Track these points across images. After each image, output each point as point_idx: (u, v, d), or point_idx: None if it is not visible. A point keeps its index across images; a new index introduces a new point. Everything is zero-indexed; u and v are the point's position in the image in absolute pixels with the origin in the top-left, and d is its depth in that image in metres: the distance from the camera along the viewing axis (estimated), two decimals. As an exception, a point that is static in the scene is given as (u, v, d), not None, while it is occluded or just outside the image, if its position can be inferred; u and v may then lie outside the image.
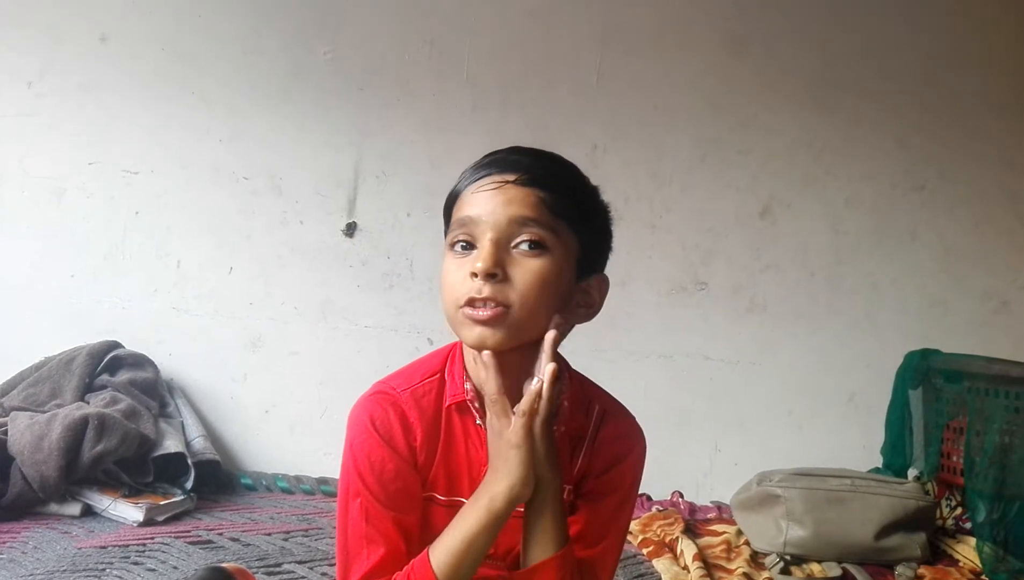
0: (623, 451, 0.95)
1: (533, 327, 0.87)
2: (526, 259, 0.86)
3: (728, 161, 2.30)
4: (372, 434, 0.90)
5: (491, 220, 0.86)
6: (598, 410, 0.96)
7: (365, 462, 0.89)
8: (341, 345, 2.22)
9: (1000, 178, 2.33)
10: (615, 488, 0.94)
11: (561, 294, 0.89)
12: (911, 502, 1.74)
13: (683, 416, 2.23)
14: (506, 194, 0.87)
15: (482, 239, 0.86)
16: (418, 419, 0.91)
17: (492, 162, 0.91)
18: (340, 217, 2.22)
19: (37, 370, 2.01)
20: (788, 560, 1.71)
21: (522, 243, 0.86)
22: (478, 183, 0.89)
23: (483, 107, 2.24)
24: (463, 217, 0.88)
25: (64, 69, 2.18)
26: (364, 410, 0.92)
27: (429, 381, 0.94)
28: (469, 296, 0.85)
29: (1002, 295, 2.32)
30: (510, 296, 0.85)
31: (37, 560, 1.43)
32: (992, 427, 1.84)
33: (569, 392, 0.94)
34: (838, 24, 2.31)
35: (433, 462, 0.92)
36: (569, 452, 0.94)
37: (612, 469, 0.94)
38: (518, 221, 0.86)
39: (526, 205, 0.86)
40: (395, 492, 0.89)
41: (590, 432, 0.95)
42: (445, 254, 0.91)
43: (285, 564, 1.51)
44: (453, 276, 0.87)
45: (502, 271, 0.85)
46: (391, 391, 0.93)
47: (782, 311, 2.29)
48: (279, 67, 2.22)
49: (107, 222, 2.19)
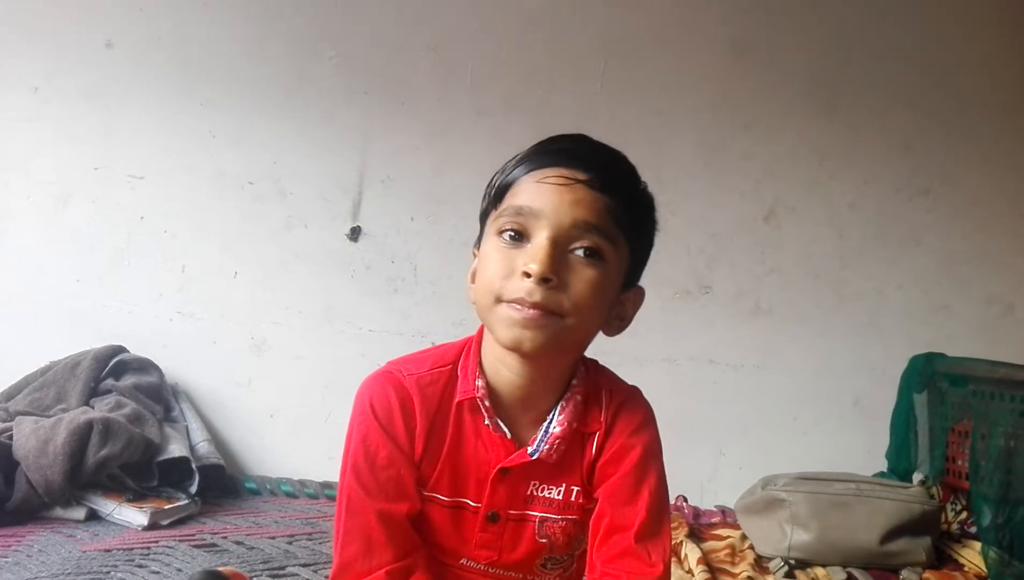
0: (632, 422, 0.90)
1: (575, 338, 0.85)
2: (582, 267, 0.81)
3: (731, 166, 2.30)
4: (370, 417, 0.87)
5: (554, 219, 0.80)
6: (612, 403, 0.92)
7: (360, 445, 0.87)
8: (345, 350, 2.22)
9: (1005, 182, 2.33)
10: (628, 452, 0.88)
11: (608, 306, 0.86)
12: (916, 506, 1.74)
13: (687, 420, 2.21)
14: (574, 194, 0.81)
15: (538, 235, 0.80)
16: (421, 408, 0.87)
17: (562, 153, 0.85)
18: (344, 222, 2.23)
19: (42, 374, 2.02)
20: (792, 564, 1.70)
21: (580, 249, 0.81)
22: (543, 172, 0.83)
23: (487, 113, 2.24)
24: (521, 206, 0.82)
25: (70, 75, 2.19)
26: (367, 391, 0.89)
27: (439, 371, 0.89)
28: (517, 296, 0.80)
29: (1007, 299, 2.31)
30: (564, 304, 0.80)
31: (42, 563, 1.43)
32: (997, 431, 1.84)
33: (582, 386, 0.91)
34: (841, 28, 2.31)
35: (438, 460, 0.88)
36: (580, 448, 0.90)
37: (621, 441, 0.89)
38: (581, 225, 0.81)
39: (593, 210, 0.81)
40: (385, 480, 0.86)
41: (604, 425, 0.91)
42: (487, 236, 0.86)
43: (289, 567, 1.51)
44: (497, 266, 0.82)
45: (557, 277, 0.79)
46: (398, 373, 0.89)
47: (786, 315, 2.29)
48: (283, 73, 2.23)
49: (112, 227, 2.20)
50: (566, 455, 0.89)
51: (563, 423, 0.88)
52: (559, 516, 0.91)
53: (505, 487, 0.89)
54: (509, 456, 0.88)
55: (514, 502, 0.90)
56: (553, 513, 0.91)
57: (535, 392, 0.88)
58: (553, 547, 0.92)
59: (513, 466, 0.88)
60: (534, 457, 0.88)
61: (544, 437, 0.88)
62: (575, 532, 0.92)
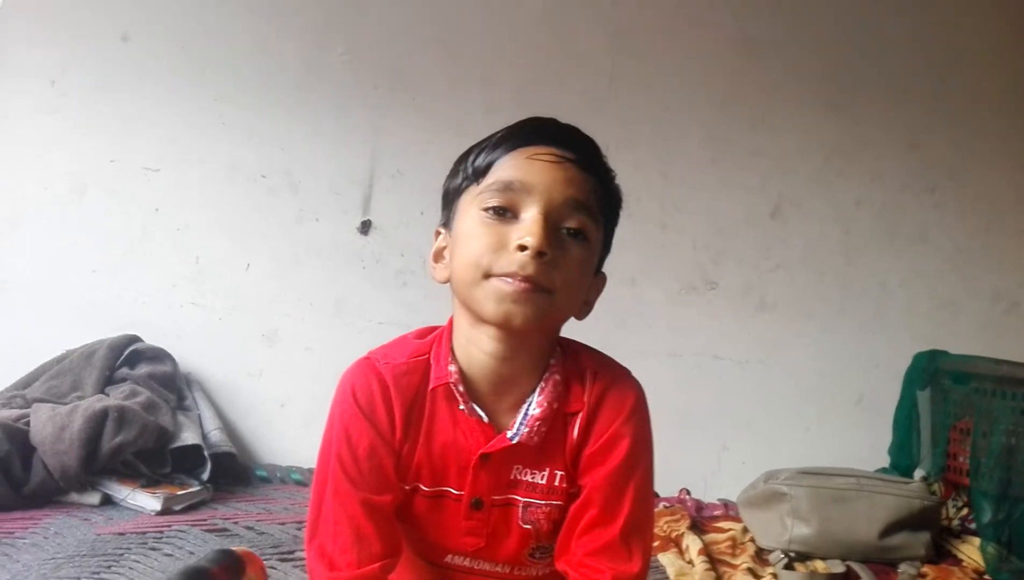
0: (620, 409, 0.87)
1: (559, 317, 0.84)
2: (570, 245, 0.81)
3: (738, 162, 2.32)
4: (352, 406, 0.86)
5: (547, 195, 0.80)
6: (596, 383, 0.88)
7: (343, 435, 0.86)
8: (355, 341, 2.24)
9: (1011, 180, 2.34)
10: (617, 444, 0.86)
11: (586, 288, 0.86)
12: (916, 501, 1.75)
13: (691, 415, 2.24)
14: (566, 172, 0.81)
15: (529, 210, 0.80)
16: (398, 398, 0.86)
17: (547, 131, 0.85)
18: (355, 215, 2.26)
19: (58, 363, 2.06)
20: (792, 557, 1.72)
21: (567, 228, 0.81)
22: (533, 149, 0.82)
23: (496, 109, 2.26)
24: (511, 181, 0.81)
25: (86, 67, 2.23)
26: (348, 380, 0.88)
27: (416, 360, 0.88)
28: (509, 269, 0.78)
29: (1012, 297, 2.32)
30: (555, 281, 0.79)
31: (58, 545, 1.47)
32: (998, 428, 1.85)
33: (560, 365, 0.89)
34: (849, 25, 2.32)
35: (416, 450, 0.87)
36: (562, 430, 0.88)
37: (611, 430, 0.87)
38: (572, 204, 0.81)
39: (583, 189, 0.82)
40: (367, 471, 0.85)
41: (587, 406, 0.88)
42: (465, 212, 0.84)
43: (298, 552, 1.54)
44: (484, 241, 0.80)
45: (550, 252, 0.79)
46: (376, 362, 0.88)
47: (791, 312, 2.31)
48: (296, 67, 2.26)
49: (127, 218, 2.23)
50: (548, 438, 0.87)
51: (543, 404, 0.86)
52: (543, 502, 0.89)
53: (487, 473, 0.87)
54: (489, 442, 0.86)
55: (497, 487, 0.88)
56: (537, 498, 0.89)
57: (512, 373, 0.86)
58: (539, 534, 0.90)
59: (494, 451, 0.86)
60: (514, 441, 0.85)
61: (524, 419, 0.86)
62: (560, 518, 0.89)
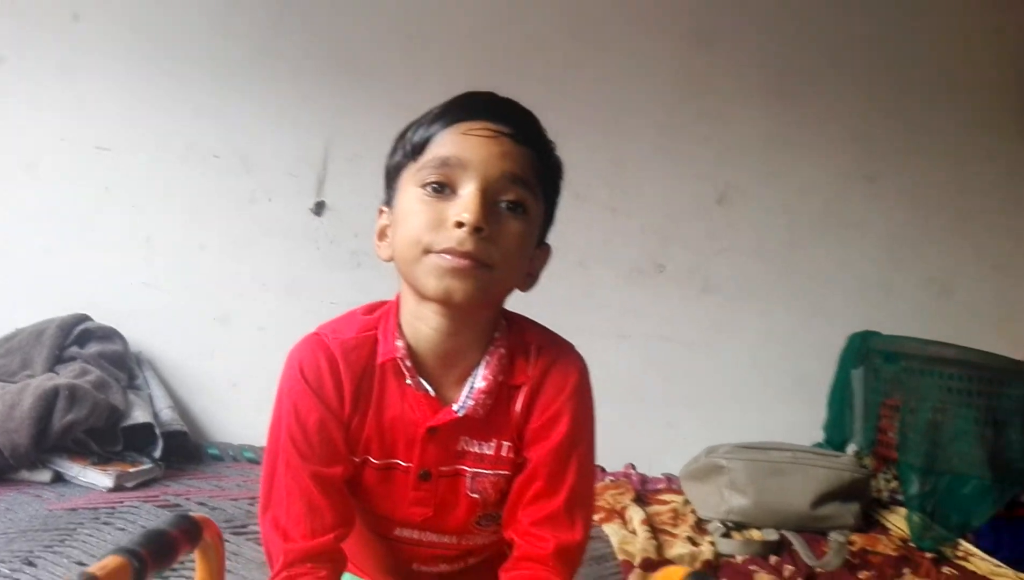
0: (564, 385, 0.89)
1: (500, 290, 0.86)
2: (509, 219, 0.82)
3: (687, 149, 2.38)
4: (300, 382, 0.87)
5: (482, 170, 0.81)
6: (540, 358, 0.90)
7: (291, 410, 0.87)
8: (309, 322, 2.21)
9: (947, 172, 2.44)
10: (560, 420, 0.88)
11: (527, 261, 0.88)
12: (846, 474, 1.84)
13: (639, 394, 2.30)
14: (501, 146, 0.82)
15: (467, 186, 0.81)
16: (347, 373, 0.88)
17: (483, 106, 0.85)
18: (309, 196, 2.27)
19: (7, 341, 2.05)
20: (730, 526, 1.80)
21: (505, 202, 0.82)
22: (468, 124, 0.82)
23: (455, 92, 2.28)
24: (447, 156, 0.81)
25: (37, 47, 2.20)
26: (296, 356, 0.89)
27: (364, 336, 0.90)
28: (447, 246, 0.79)
29: (944, 282, 2.43)
30: (494, 255, 0.80)
31: (10, 521, 1.48)
32: (925, 405, 1.95)
33: (505, 339, 0.91)
34: (797, 18, 2.39)
35: (365, 423, 0.89)
36: (507, 402, 0.90)
37: (555, 406, 0.89)
38: (508, 177, 0.81)
39: (519, 163, 0.82)
40: (317, 444, 0.86)
41: (532, 381, 0.89)
42: (404, 189, 0.86)
43: (251, 526, 1.57)
44: (422, 218, 0.81)
45: (488, 227, 0.80)
46: (325, 337, 0.90)
47: (736, 294, 2.38)
48: (250, 46, 2.26)
49: (79, 198, 2.22)
50: (494, 410, 0.89)
51: (488, 378, 0.88)
52: (491, 471, 0.91)
53: (435, 446, 0.89)
54: (436, 415, 0.88)
55: (445, 459, 0.90)
56: (485, 468, 0.91)
57: (457, 348, 0.88)
58: (487, 503, 0.92)
59: (441, 425, 0.88)
60: (460, 414, 0.87)
61: (469, 393, 0.88)
62: (506, 487, 0.92)
